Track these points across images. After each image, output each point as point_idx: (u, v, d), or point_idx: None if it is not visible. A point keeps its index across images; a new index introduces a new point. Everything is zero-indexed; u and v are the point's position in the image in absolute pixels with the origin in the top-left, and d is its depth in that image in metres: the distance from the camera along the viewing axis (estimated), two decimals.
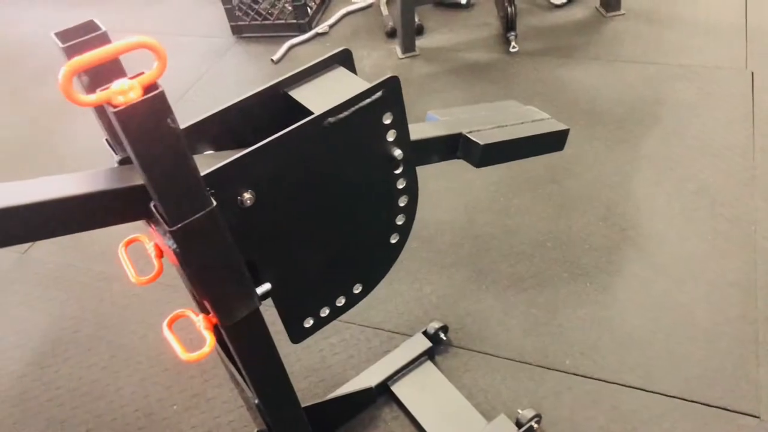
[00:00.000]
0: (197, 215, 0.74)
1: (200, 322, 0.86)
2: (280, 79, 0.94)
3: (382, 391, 1.61)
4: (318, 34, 3.15)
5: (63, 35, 0.77)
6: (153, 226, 0.81)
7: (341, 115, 0.86)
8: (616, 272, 1.82)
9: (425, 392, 1.58)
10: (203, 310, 0.87)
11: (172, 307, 1.94)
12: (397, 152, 0.95)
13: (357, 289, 1.06)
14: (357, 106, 0.87)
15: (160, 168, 0.68)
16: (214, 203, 0.75)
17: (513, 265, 1.89)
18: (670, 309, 1.70)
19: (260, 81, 2.91)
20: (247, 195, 0.83)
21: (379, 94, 0.88)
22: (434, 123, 1.11)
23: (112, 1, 3.79)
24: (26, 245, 2.24)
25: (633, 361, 1.60)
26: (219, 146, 0.92)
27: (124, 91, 0.63)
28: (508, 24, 2.82)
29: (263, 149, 0.81)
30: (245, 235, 0.84)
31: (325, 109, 0.85)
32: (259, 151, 0.81)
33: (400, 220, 1.04)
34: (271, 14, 3.17)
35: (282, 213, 0.88)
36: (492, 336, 1.71)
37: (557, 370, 1.61)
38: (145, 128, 0.65)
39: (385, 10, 3.20)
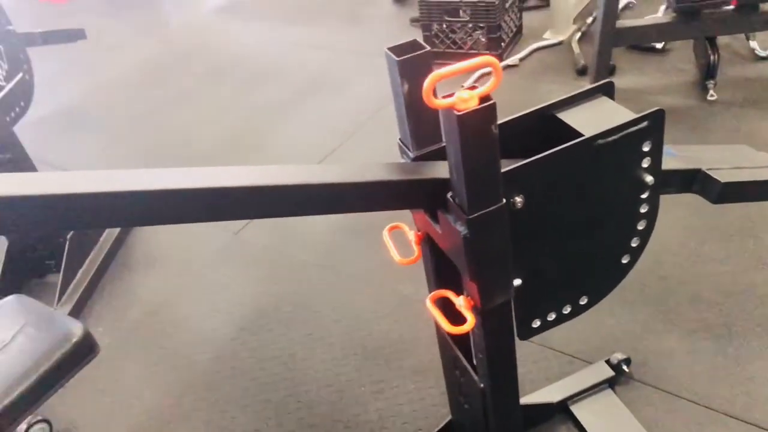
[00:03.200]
0: (491, 208, 0.87)
1: (461, 303, 0.99)
2: (550, 102, 1.06)
3: (561, 410, 1.67)
4: (508, 66, 3.28)
5: (395, 50, 0.95)
6: (440, 215, 0.96)
7: (610, 138, 0.96)
8: None
9: (605, 418, 1.62)
10: (463, 292, 1.00)
11: (361, 296, 2.13)
12: (649, 178, 1.03)
13: (583, 300, 1.15)
14: (625, 132, 0.97)
15: (476, 165, 0.82)
16: (504, 201, 0.88)
17: (701, 311, 1.87)
18: None
19: None
20: (518, 199, 0.95)
21: (645, 123, 0.98)
22: (673, 157, 1.18)
23: (320, 20, 4.18)
24: (238, 228, 2.54)
25: None
26: None
27: (466, 100, 0.78)
28: (708, 71, 2.78)
29: (540, 161, 0.93)
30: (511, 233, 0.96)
31: (596, 132, 0.96)
32: (536, 162, 0.93)
33: (634, 243, 1.12)
34: (465, 44, 3.36)
35: (541, 219, 0.99)
36: (675, 376, 1.71)
37: (745, 422, 1.58)
38: (476, 131, 0.79)
39: (576, 49, 3.27)
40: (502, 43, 3.31)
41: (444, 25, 3.35)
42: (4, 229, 0.78)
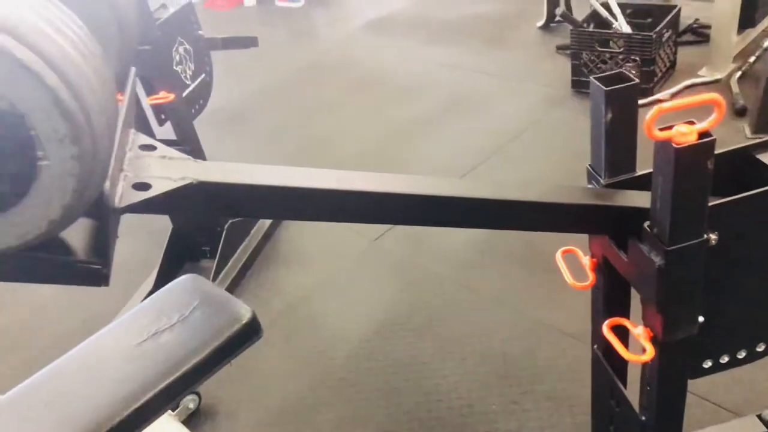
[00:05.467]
0: (691, 242, 0.88)
1: (641, 333, 1.00)
2: (750, 143, 1.05)
3: None
4: (658, 101, 3.19)
5: (603, 80, 0.98)
6: (631, 243, 0.97)
7: None
8: None
9: None
10: (645, 322, 1.01)
11: (495, 317, 2.15)
12: None
13: (760, 347, 1.12)
14: None
15: (686, 198, 0.84)
16: (705, 236, 0.89)
17: None
18: None
19: None
20: (713, 236, 0.95)
21: None
22: None
23: (464, 42, 4.25)
24: (377, 235, 2.64)
25: None
26: None
27: (685, 134, 0.80)
28: None
29: (744, 200, 0.93)
30: None
31: None
32: (740, 201, 0.93)
33: None
34: None
35: (732, 258, 0.98)
36: None
37: None
38: (691, 165, 0.81)
39: (735, 88, 3.13)
40: (655, 77, 3.22)
41: (593, 55, 3.32)
42: (238, 213, 0.87)
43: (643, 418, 1.13)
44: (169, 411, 1.96)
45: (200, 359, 1.48)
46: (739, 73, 3.26)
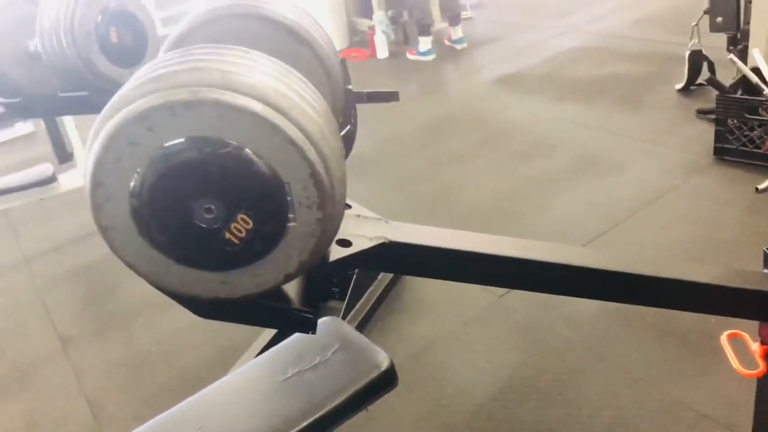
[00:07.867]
0: None
1: None
2: None
3: None
4: None
5: None
6: None
7: None
8: None
9: None
10: None
11: (626, 391, 2.07)
12: None
13: None
14: None
15: None
16: None
17: None
18: None
19: (740, 205, 2.90)
20: None
21: None
22: None
23: (596, 101, 4.21)
24: (503, 291, 2.63)
25: None
26: None
27: None
28: None
29: None
30: None
31: None
32: None
33: None
34: (765, 143, 3.14)
35: None
36: None
37: None
38: None
39: None
40: None
41: (740, 122, 3.17)
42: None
43: None
44: None
45: (341, 402, 1.53)
46: None
